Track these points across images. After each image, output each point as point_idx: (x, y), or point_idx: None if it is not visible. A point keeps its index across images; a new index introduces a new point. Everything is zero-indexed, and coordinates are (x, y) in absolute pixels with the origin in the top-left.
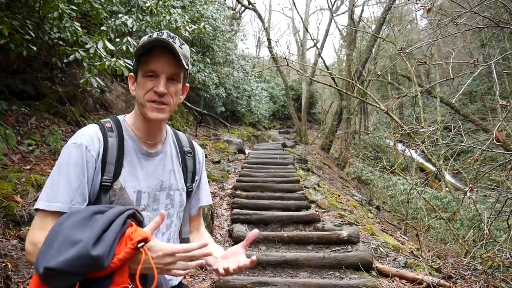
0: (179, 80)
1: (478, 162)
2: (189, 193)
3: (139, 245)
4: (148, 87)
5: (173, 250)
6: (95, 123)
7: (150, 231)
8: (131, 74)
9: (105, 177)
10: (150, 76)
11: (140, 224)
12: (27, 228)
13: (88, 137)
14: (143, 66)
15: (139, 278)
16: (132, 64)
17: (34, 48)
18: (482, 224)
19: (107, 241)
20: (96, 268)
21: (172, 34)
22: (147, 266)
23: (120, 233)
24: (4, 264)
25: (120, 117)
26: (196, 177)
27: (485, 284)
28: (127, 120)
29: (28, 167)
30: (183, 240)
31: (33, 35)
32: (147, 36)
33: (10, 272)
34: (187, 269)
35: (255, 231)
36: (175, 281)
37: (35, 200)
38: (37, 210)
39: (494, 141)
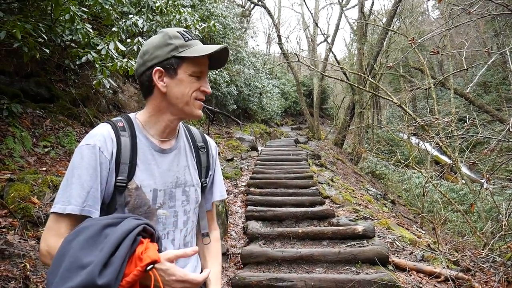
0: None
1: (494, 153)
2: (203, 188)
3: (148, 268)
4: (196, 86)
5: (184, 279)
6: (107, 122)
7: (175, 256)
8: (159, 68)
9: (119, 178)
10: (197, 77)
11: (152, 236)
12: (44, 228)
13: (101, 137)
14: (191, 66)
15: None
16: (166, 60)
17: (47, 51)
18: (500, 215)
19: (115, 266)
20: None
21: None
22: (157, 285)
23: (130, 253)
24: (23, 265)
25: (131, 115)
26: (210, 172)
27: (504, 276)
28: (139, 117)
29: (44, 169)
30: (202, 235)
31: (45, 38)
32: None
33: (28, 272)
34: None
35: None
36: None
37: (52, 201)
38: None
39: (511, 130)
